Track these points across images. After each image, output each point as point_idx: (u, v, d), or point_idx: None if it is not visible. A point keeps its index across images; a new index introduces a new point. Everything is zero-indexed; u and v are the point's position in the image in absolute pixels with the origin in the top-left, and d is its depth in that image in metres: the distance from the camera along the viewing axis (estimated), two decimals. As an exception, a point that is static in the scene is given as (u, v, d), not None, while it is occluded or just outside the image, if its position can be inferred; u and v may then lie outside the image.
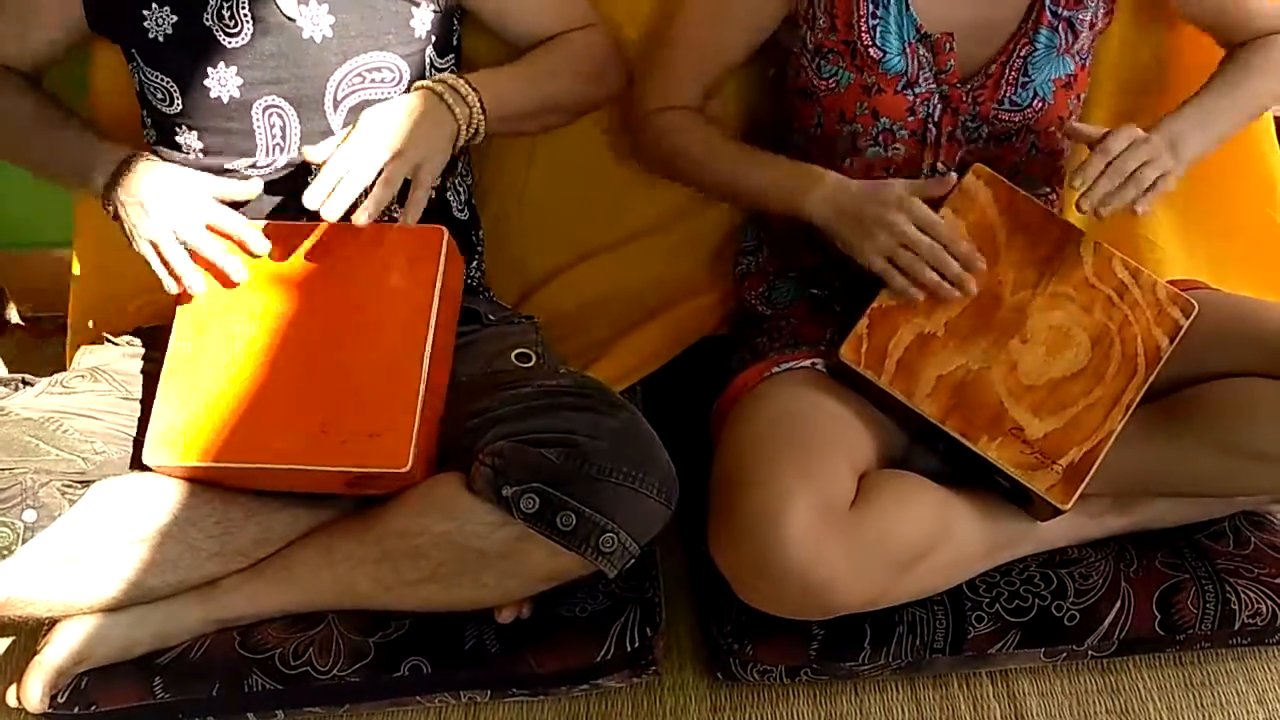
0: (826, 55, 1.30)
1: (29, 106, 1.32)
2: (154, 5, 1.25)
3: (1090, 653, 1.32)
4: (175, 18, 1.25)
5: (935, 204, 1.28)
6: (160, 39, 1.26)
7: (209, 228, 1.22)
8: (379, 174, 1.18)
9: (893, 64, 1.28)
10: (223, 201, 1.24)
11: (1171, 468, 1.30)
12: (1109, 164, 1.22)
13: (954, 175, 1.27)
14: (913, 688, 1.35)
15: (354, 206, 1.18)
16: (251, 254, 1.23)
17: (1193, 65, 1.44)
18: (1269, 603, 1.31)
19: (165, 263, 1.21)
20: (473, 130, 1.26)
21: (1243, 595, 1.31)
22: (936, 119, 1.31)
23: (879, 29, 1.27)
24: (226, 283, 1.23)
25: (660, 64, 1.40)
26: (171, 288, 1.22)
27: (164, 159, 1.31)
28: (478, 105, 1.25)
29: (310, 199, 1.17)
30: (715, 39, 1.37)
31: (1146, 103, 1.49)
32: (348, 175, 1.17)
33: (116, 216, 1.24)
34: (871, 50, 1.27)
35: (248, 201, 1.28)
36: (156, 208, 1.21)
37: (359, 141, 1.19)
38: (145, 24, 1.26)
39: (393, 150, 1.18)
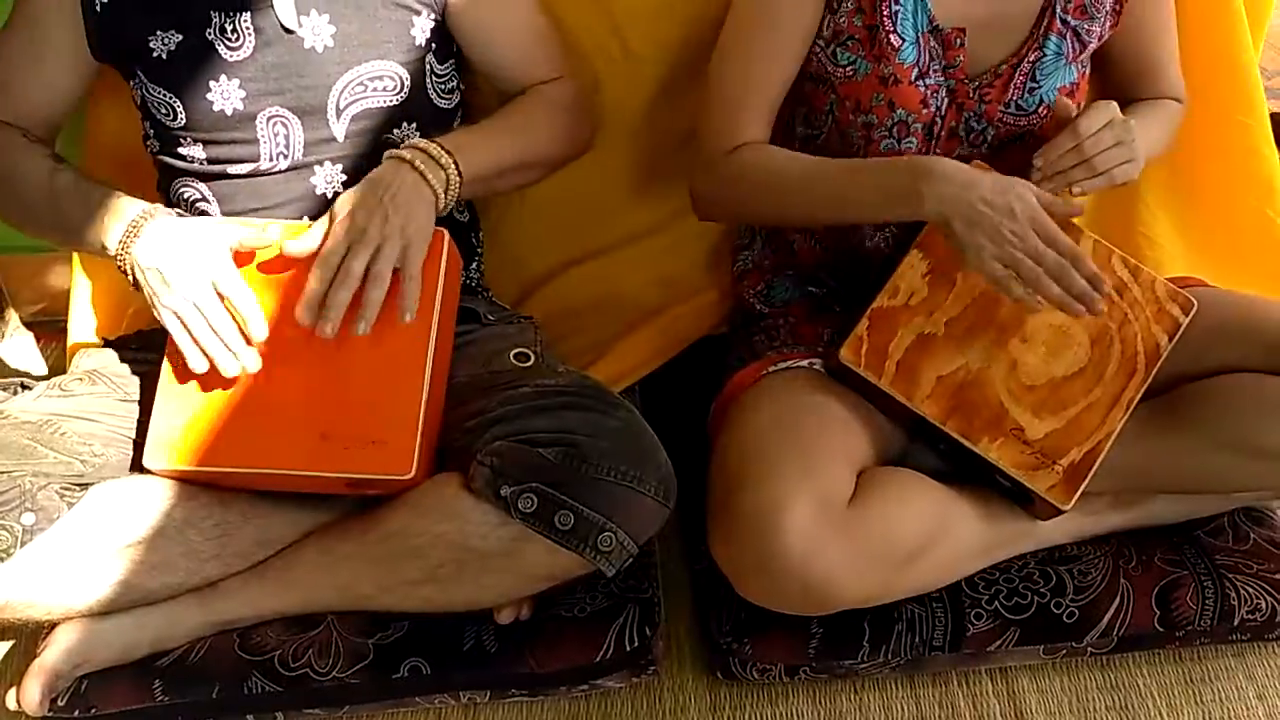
0: (845, 42, 1.29)
1: (45, 177, 1.26)
2: (158, 31, 1.25)
3: (1090, 650, 1.32)
4: (180, 37, 1.25)
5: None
6: (164, 56, 1.25)
7: (218, 294, 1.17)
8: (367, 271, 1.15)
9: (907, 54, 1.27)
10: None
11: (1171, 464, 1.30)
12: (1077, 144, 1.21)
13: (1077, 202, 1.23)
14: (912, 686, 1.35)
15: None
16: (246, 335, 1.18)
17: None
18: (1268, 598, 1.31)
19: (190, 334, 1.17)
20: (450, 198, 1.23)
21: (1242, 591, 1.31)
22: (941, 112, 1.31)
23: (899, 16, 1.26)
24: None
25: (720, 107, 1.33)
26: (199, 365, 1.16)
27: (167, 168, 1.31)
28: (453, 168, 1.22)
29: (303, 317, 1.15)
30: (770, 62, 1.31)
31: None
32: (336, 286, 1.14)
33: (135, 283, 1.20)
34: (891, 37, 1.26)
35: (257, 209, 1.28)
36: (176, 275, 1.16)
37: (340, 242, 1.15)
38: (151, 45, 1.25)
39: (376, 242, 1.15)
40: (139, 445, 1.22)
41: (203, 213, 1.31)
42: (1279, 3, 1.57)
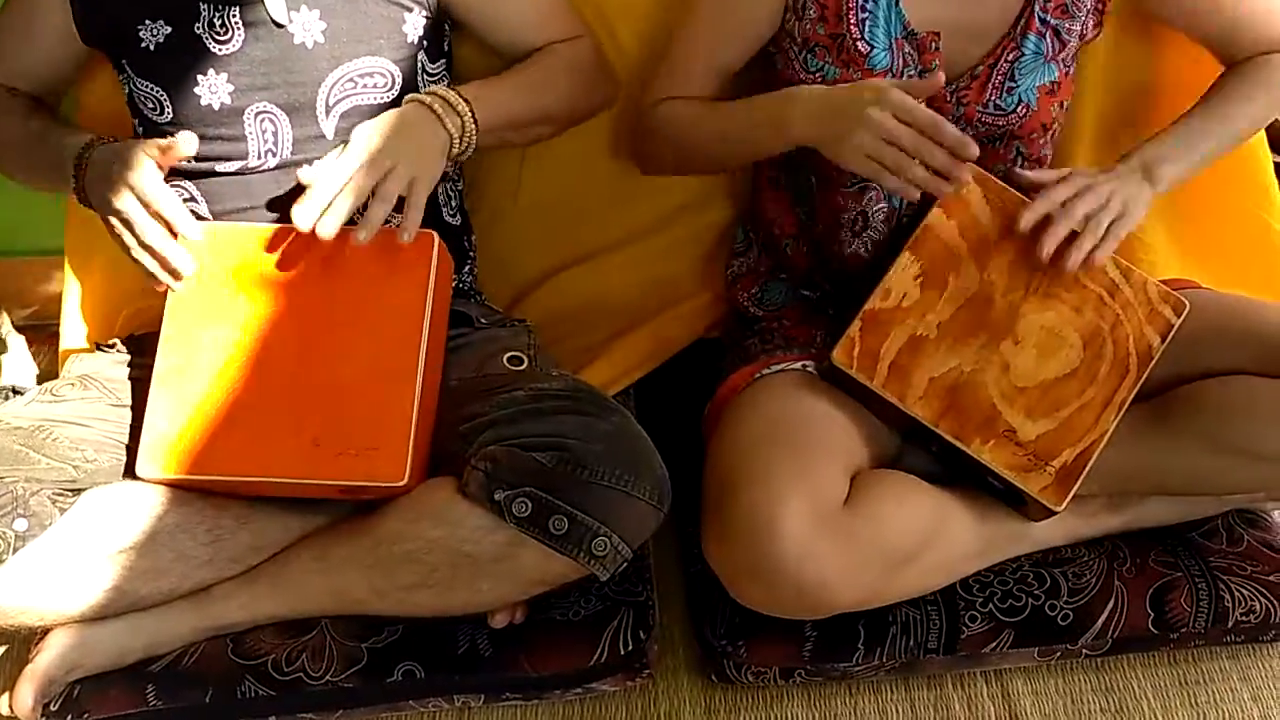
0: (813, 49, 1.29)
1: (19, 123, 1.31)
2: (148, 21, 1.25)
3: (1084, 652, 1.32)
4: (169, 29, 1.25)
5: (925, 207, 1.28)
6: (152, 48, 1.25)
7: (145, 205, 1.17)
8: (373, 191, 1.17)
9: (878, 60, 1.27)
10: (166, 161, 1.20)
11: (1164, 466, 1.30)
12: (1059, 208, 1.22)
13: (942, 75, 1.19)
14: (907, 688, 1.35)
15: (350, 223, 1.17)
16: (181, 236, 1.19)
17: (1180, 77, 1.44)
18: (1262, 600, 1.31)
19: (145, 246, 1.17)
20: (465, 143, 1.25)
21: (1236, 593, 1.32)
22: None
23: (868, 23, 1.26)
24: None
25: (665, 68, 1.39)
26: (160, 274, 1.18)
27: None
28: (469, 116, 1.24)
29: (301, 218, 1.15)
30: (718, 39, 1.36)
31: (1134, 113, 1.49)
32: (341, 192, 1.16)
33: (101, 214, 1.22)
34: (859, 44, 1.27)
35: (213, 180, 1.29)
36: (107, 194, 1.17)
37: (351, 158, 1.18)
38: (140, 34, 1.25)
39: (386, 166, 1.17)
40: (131, 450, 1.22)
41: (192, 213, 1.30)
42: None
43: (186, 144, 1.18)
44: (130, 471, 1.21)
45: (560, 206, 1.56)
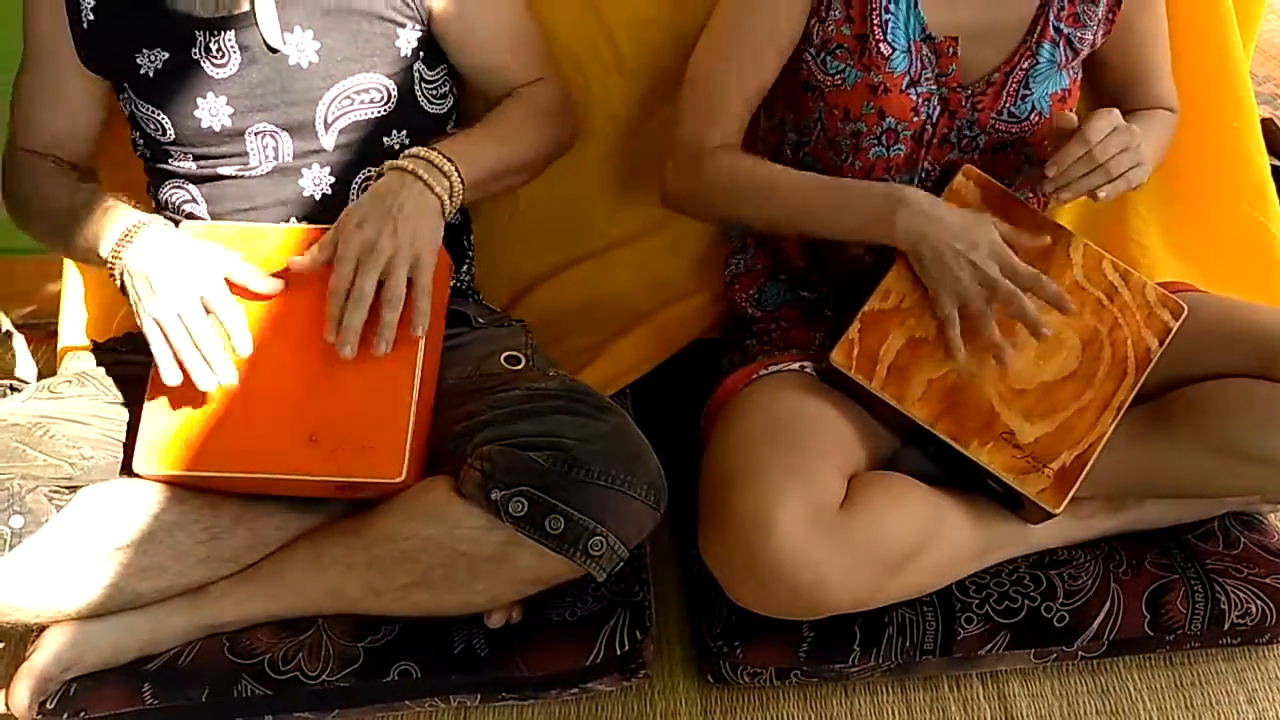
0: (834, 51, 1.29)
1: (65, 193, 1.27)
2: (144, 50, 1.25)
3: (1080, 654, 1.32)
4: (166, 55, 1.25)
5: None
6: (151, 74, 1.26)
7: (205, 308, 1.16)
8: (379, 288, 1.15)
9: (898, 62, 1.27)
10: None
11: (1161, 469, 1.30)
12: (1087, 151, 1.21)
13: (1048, 239, 1.27)
14: (903, 689, 1.35)
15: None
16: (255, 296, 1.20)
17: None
18: (1258, 603, 1.31)
19: (169, 345, 1.16)
20: (455, 203, 1.22)
21: (1232, 595, 1.32)
22: (934, 120, 1.31)
23: (890, 24, 1.26)
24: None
25: (698, 106, 1.34)
26: (172, 378, 1.16)
27: (157, 171, 1.31)
28: (456, 175, 1.22)
29: (330, 336, 1.15)
30: (750, 67, 1.32)
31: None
32: (350, 308, 1.14)
33: (122, 287, 1.20)
34: (882, 46, 1.26)
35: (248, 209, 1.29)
36: (163, 283, 1.15)
37: (350, 258, 1.15)
38: (138, 61, 1.26)
39: (386, 256, 1.15)
40: (128, 448, 1.22)
41: (191, 215, 1.31)
42: (1269, 8, 1.57)
43: (268, 286, 1.20)
44: (127, 469, 1.21)
45: (559, 207, 1.55)
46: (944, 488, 1.28)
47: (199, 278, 1.17)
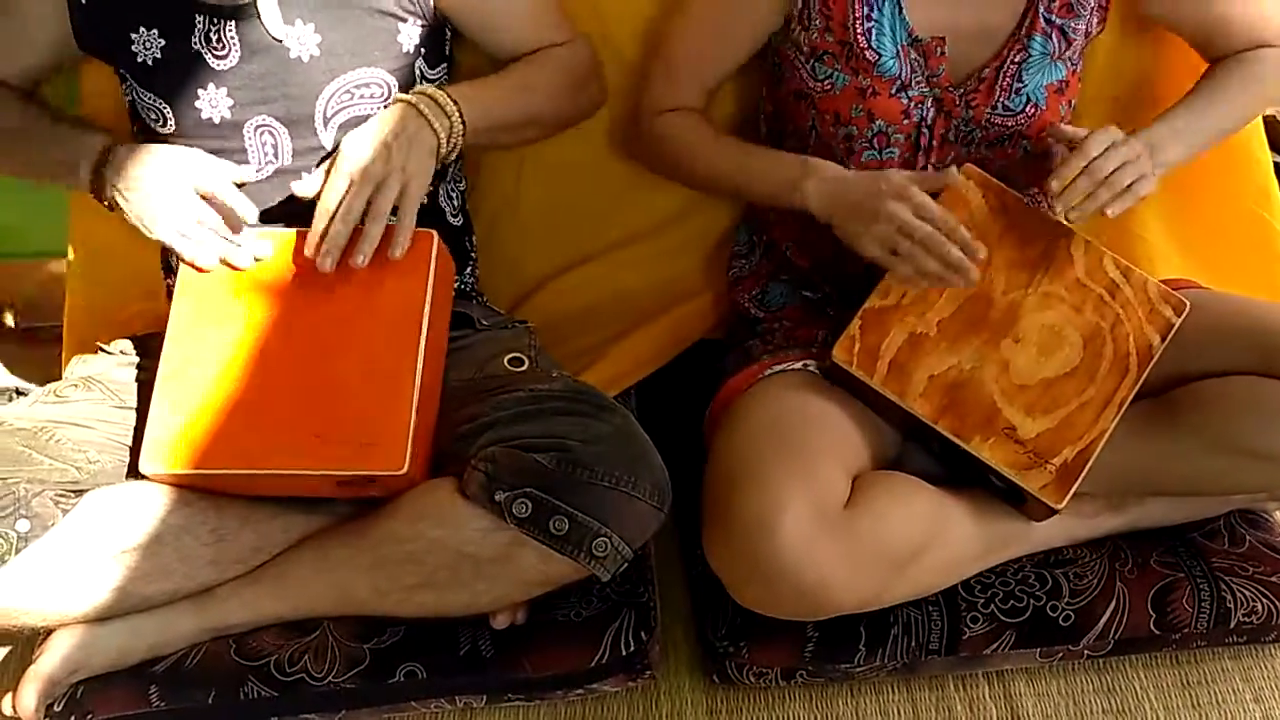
0: (822, 57, 1.30)
1: (16, 113, 1.32)
2: (141, 29, 1.26)
3: (1086, 653, 1.32)
4: (163, 41, 1.25)
5: None
6: (149, 62, 1.26)
7: (202, 195, 1.23)
8: (367, 207, 1.18)
9: (888, 66, 1.28)
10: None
11: (1165, 466, 1.30)
12: (1086, 166, 1.22)
13: (953, 170, 1.26)
14: (909, 689, 1.35)
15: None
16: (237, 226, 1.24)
17: (1180, 76, 1.43)
18: (1264, 601, 1.31)
19: (194, 245, 1.22)
20: (453, 144, 1.25)
21: (1238, 594, 1.31)
22: (929, 122, 1.31)
23: (874, 31, 1.27)
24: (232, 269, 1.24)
25: (662, 68, 1.40)
26: (209, 261, 1.22)
27: None
28: (458, 116, 1.24)
29: (308, 252, 1.20)
30: (716, 41, 1.37)
31: (1133, 112, 1.48)
32: (335, 218, 1.18)
33: (114, 207, 1.25)
34: (867, 53, 1.27)
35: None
36: (162, 200, 1.22)
37: (341, 175, 1.19)
38: (133, 47, 1.26)
39: (377, 177, 1.18)
40: (134, 451, 1.22)
41: None
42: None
43: (242, 173, 1.26)
44: (133, 472, 1.21)
45: (562, 208, 1.56)
46: (948, 487, 1.28)
47: (183, 172, 1.22)
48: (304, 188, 1.22)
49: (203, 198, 1.22)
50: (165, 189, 1.22)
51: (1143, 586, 1.32)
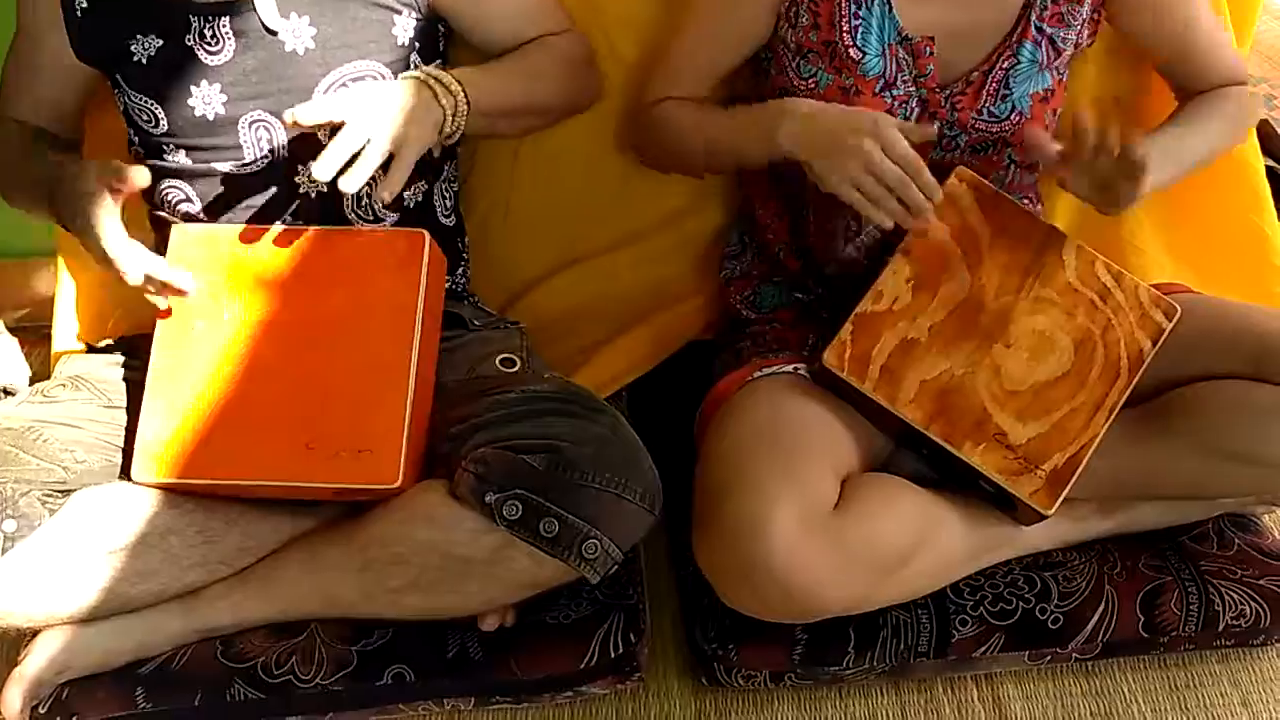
0: (806, 55, 1.30)
1: (41, 159, 1.29)
2: (138, 35, 1.25)
3: (1074, 656, 1.32)
4: (160, 42, 1.25)
5: None
6: (144, 61, 1.26)
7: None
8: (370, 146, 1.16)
9: (871, 66, 1.28)
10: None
11: (1155, 471, 1.30)
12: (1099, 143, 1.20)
13: (935, 126, 1.26)
14: (897, 691, 1.35)
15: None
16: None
17: (1167, 98, 1.44)
18: (1253, 604, 1.31)
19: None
20: (457, 124, 1.24)
21: (1226, 597, 1.32)
22: (914, 123, 1.31)
23: (860, 29, 1.27)
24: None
25: (662, 63, 1.40)
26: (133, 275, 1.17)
27: (151, 169, 1.31)
28: (463, 96, 1.23)
29: (322, 171, 1.14)
30: (714, 40, 1.37)
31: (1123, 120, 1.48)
32: (336, 141, 1.14)
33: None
34: (851, 51, 1.27)
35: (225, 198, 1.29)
36: (81, 225, 1.16)
37: (345, 111, 1.15)
38: (132, 49, 1.25)
39: (380, 122, 1.16)
40: (123, 452, 1.22)
41: (186, 214, 1.30)
42: (1264, 10, 1.57)
43: (140, 178, 1.17)
44: (123, 473, 1.21)
45: (554, 209, 1.56)
46: (938, 489, 1.28)
47: (87, 208, 1.16)
48: (307, 114, 1.16)
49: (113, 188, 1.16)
50: (80, 217, 1.17)
51: (1131, 589, 1.32)
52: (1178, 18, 1.36)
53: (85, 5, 1.26)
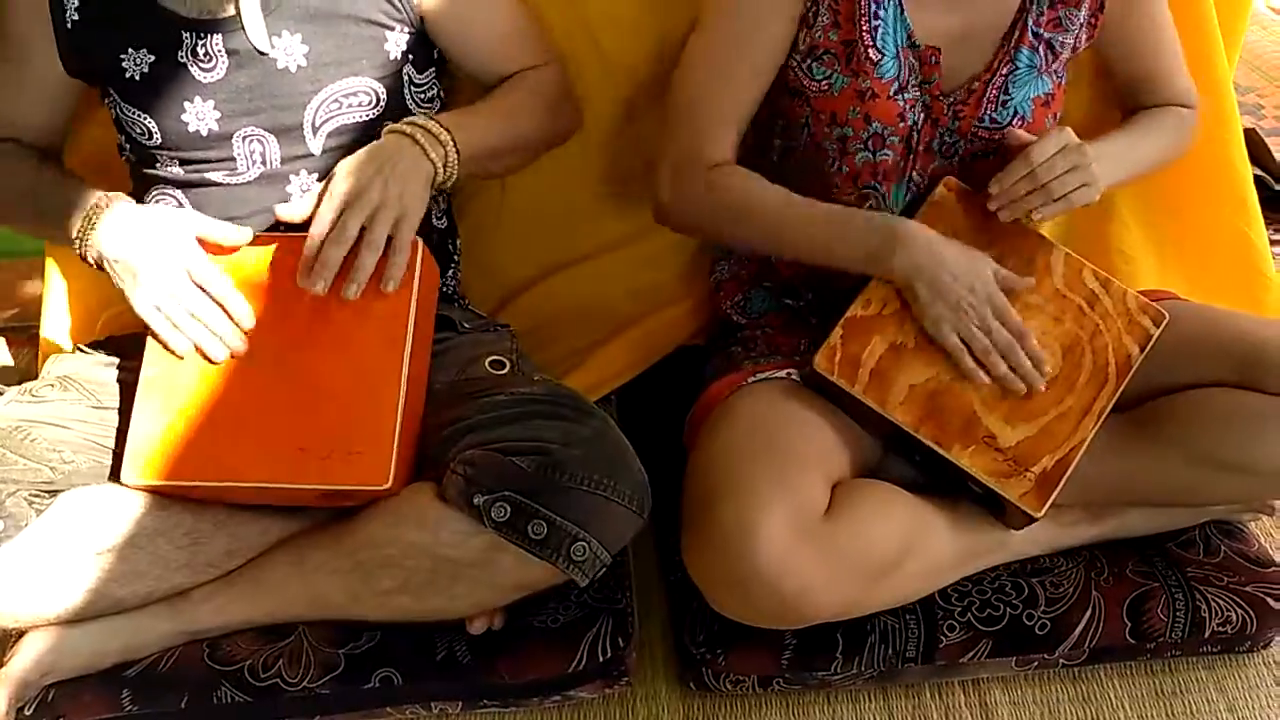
0: (821, 57, 1.29)
1: (30, 173, 1.30)
2: (129, 49, 1.25)
3: (1061, 661, 1.32)
4: (153, 57, 1.25)
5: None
6: (137, 77, 1.25)
7: (199, 241, 1.21)
8: (360, 235, 1.16)
9: (887, 68, 1.27)
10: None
11: (1142, 477, 1.30)
12: (1030, 171, 1.23)
13: (1031, 281, 1.29)
14: (885, 697, 1.35)
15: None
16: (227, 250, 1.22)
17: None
18: (1239, 611, 1.32)
19: (172, 324, 1.19)
20: (449, 172, 1.23)
21: (1213, 603, 1.32)
22: (919, 128, 1.31)
23: (879, 30, 1.27)
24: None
25: (690, 111, 1.33)
26: (183, 347, 1.19)
27: (143, 176, 1.31)
28: (452, 145, 1.23)
29: (301, 278, 1.18)
30: (741, 70, 1.31)
31: (1115, 125, 1.49)
32: (328, 241, 1.16)
33: (100, 267, 1.22)
34: (870, 51, 1.27)
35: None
36: (147, 267, 1.18)
37: (335, 200, 1.16)
38: (123, 64, 1.25)
39: (372, 205, 1.16)
40: (111, 452, 1.21)
41: None
42: (1252, 19, 1.58)
43: (239, 236, 1.22)
44: (112, 474, 1.20)
45: (545, 212, 1.56)
46: (927, 495, 1.29)
47: (178, 252, 1.19)
48: (290, 210, 1.20)
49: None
50: (153, 266, 1.19)
51: (1118, 595, 1.32)
52: (1146, 32, 1.38)
53: (76, 18, 1.25)
